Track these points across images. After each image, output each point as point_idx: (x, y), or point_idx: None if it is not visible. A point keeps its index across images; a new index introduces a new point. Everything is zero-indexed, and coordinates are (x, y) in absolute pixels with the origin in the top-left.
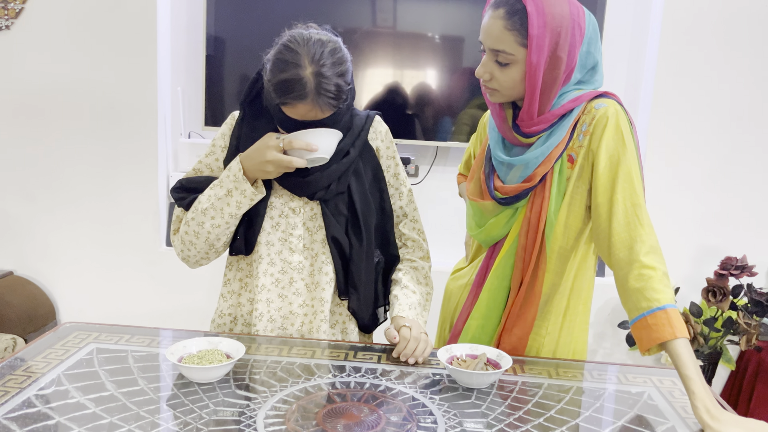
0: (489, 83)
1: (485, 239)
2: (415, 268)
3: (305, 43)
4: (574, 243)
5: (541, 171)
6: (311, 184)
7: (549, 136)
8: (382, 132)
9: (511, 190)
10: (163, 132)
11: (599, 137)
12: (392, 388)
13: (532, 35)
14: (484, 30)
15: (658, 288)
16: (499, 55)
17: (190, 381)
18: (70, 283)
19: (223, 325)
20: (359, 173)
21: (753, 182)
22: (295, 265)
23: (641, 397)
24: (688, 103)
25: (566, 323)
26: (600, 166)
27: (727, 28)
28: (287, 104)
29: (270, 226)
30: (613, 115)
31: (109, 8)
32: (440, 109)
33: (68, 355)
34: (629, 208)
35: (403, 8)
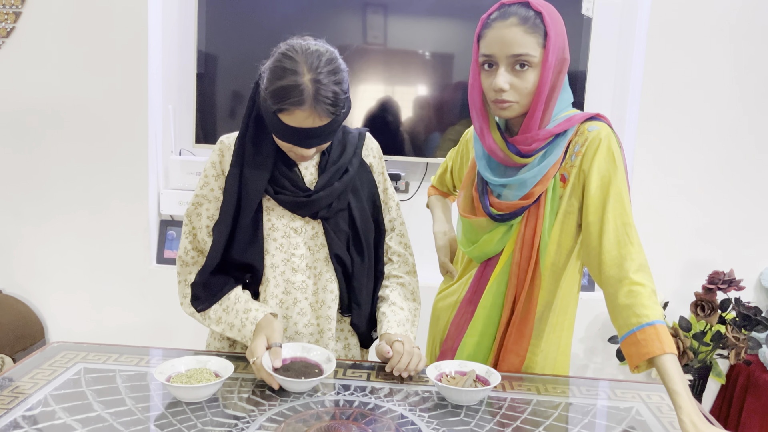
0: (508, 94)
1: (478, 255)
2: (402, 285)
3: (303, 51)
4: (565, 260)
5: (538, 189)
6: (314, 203)
7: (545, 156)
8: (374, 149)
9: (507, 207)
10: (153, 149)
11: (591, 158)
12: (381, 406)
13: (550, 36)
14: (499, 39)
15: (647, 304)
16: (522, 59)
17: (178, 400)
18: (59, 301)
19: (221, 349)
20: (357, 190)
21: (738, 197)
22: (299, 285)
23: (629, 412)
24: (674, 119)
25: (553, 339)
26: (592, 186)
27: (713, 42)
28: (285, 111)
29: (274, 248)
30: (606, 137)
31: (100, 26)
32: (430, 126)
33: (55, 375)
34: (620, 227)
35: (394, 26)
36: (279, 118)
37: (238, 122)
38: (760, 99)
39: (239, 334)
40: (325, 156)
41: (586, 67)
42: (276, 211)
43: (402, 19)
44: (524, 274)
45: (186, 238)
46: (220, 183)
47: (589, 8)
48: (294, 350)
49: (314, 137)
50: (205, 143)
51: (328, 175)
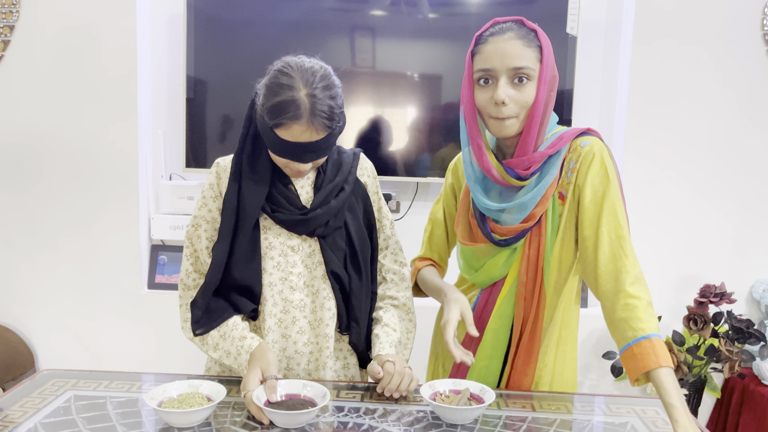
0: (508, 109)
1: (484, 281)
2: (396, 306)
3: (298, 68)
4: (566, 276)
5: (539, 211)
6: (311, 221)
7: (541, 177)
8: (368, 168)
9: (509, 231)
10: (144, 174)
11: (585, 173)
12: (375, 427)
13: (545, 51)
14: (498, 53)
15: (642, 317)
16: (522, 72)
17: (170, 426)
18: (49, 329)
19: (222, 372)
20: (353, 208)
21: (728, 210)
22: (297, 303)
23: (624, 427)
24: (661, 134)
25: (559, 354)
26: (586, 200)
27: (698, 56)
28: (282, 125)
29: (271, 266)
30: (598, 151)
31: (89, 54)
32: (420, 146)
33: (45, 404)
34: (614, 240)
35: (382, 48)
36: (276, 133)
37: (228, 146)
38: (747, 112)
39: (235, 362)
40: (321, 175)
41: (573, 85)
42: (273, 230)
43: (390, 41)
44: (531, 295)
45: (187, 261)
46: (218, 204)
47: (574, 27)
48: (289, 387)
49: (311, 151)
50: (195, 167)
51: (324, 193)
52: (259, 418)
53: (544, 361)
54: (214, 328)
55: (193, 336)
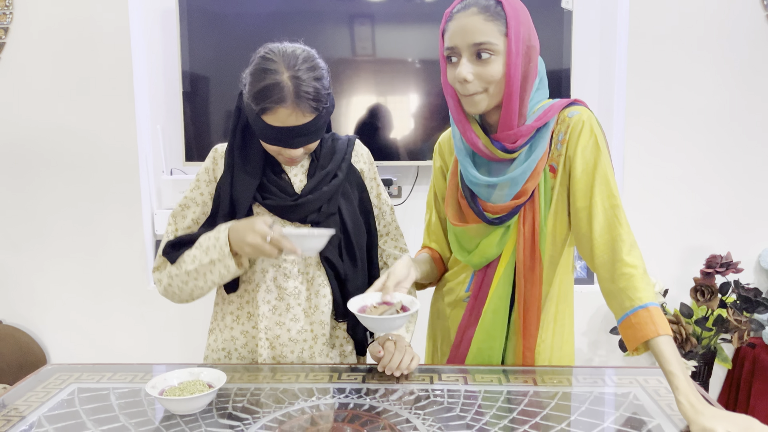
0: (472, 85)
1: (479, 261)
2: None
3: (280, 52)
4: (561, 250)
5: (530, 185)
6: (302, 207)
7: (531, 150)
8: (364, 155)
9: (502, 208)
10: (144, 170)
11: (575, 143)
12: (376, 407)
13: (510, 24)
14: (460, 30)
15: (639, 287)
16: (483, 47)
17: (172, 414)
18: (59, 328)
19: (218, 360)
20: (348, 195)
21: (732, 180)
22: (291, 290)
23: (627, 397)
24: (663, 103)
25: (557, 328)
26: (577, 170)
27: (697, 28)
28: (268, 110)
29: None
30: (587, 120)
31: (84, 52)
32: (421, 130)
33: (49, 397)
34: (608, 209)
35: (381, 36)
36: (263, 120)
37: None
38: (749, 81)
39: (215, 245)
40: (314, 162)
41: (570, 62)
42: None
43: (389, 28)
44: (530, 272)
45: (167, 237)
46: (210, 189)
47: (569, 1)
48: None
49: (300, 136)
50: (195, 161)
51: (316, 179)
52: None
53: (542, 336)
54: (186, 249)
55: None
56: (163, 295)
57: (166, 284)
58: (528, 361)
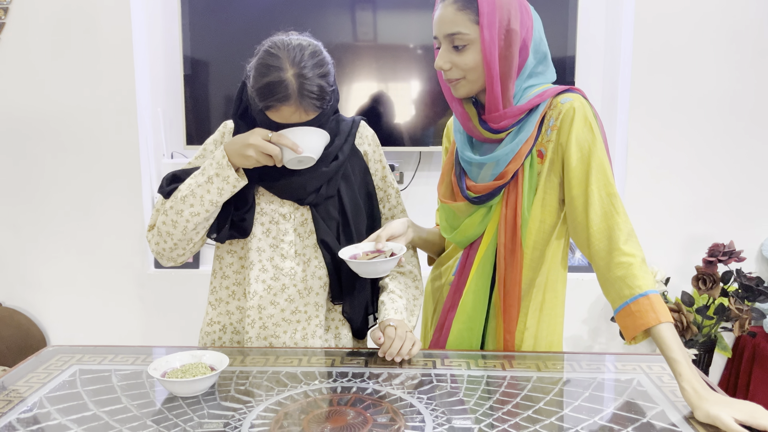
0: (450, 73)
1: (461, 240)
2: (402, 273)
3: (285, 47)
4: (548, 237)
5: (512, 168)
6: (300, 187)
7: (517, 132)
8: (369, 136)
9: (483, 188)
10: (145, 154)
11: (568, 130)
12: (379, 391)
13: (482, 11)
14: (437, 20)
15: (638, 275)
16: (455, 38)
17: (174, 396)
18: (59, 310)
19: (212, 333)
20: (348, 177)
21: (734, 169)
22: (287, 271)
23: (630, 384)
24: (667, 91)
25: (544, 317)
26: (572, 159)
27: (704, 16)
28: (271, 107)
29: (261, 232)
30: (580, 108)
31: (85, 34)
32: (423, 116)
33: (50, 378)
34: (605, 198)
35: (383, 22)
36: (267, 115)
37: None
38: (754, 69)
39: (211, 163)
40: None
41: (575, 49)
42: (265, 197)
43: (391, 13)
44: (510, 255)
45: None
46: None
47: None
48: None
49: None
50: (196, 144)
51: None
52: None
53: (525, 323)
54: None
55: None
56: (155, 254)
57: (159, 225)
58: (508, 345)
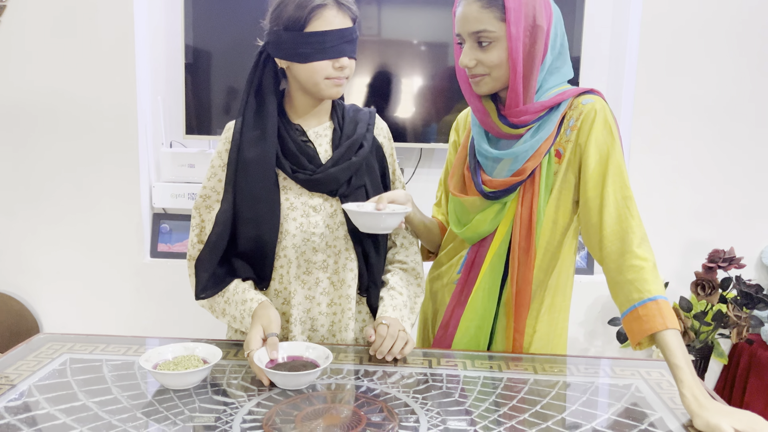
0: (476, 69)
1: (471, 236)
2: (405, 270)
3: None
4: (561, 238)
5: (531, 165)
6: (333, 179)
7: (537, 130)
8: (384, 129)
9: (500, 183)
10: (144, 142)
11: (588, 132)
12: (374, 389)
13: (509, 7)
14: (461, 18)
15: (649, 279)
16: (481, 36)
17: (166, 388)
18: (53, 297)
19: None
20: (371, 167)
21: (737, 175)
22: (320, 264)
23: (629, 389)
24: (672, 96)
25: (551, 320)
26: (590, 160)
27: (709, 20)
28: (312, 16)
29: (294, 227)
30: (601, 110)
31: (86, 21)
32: (424, 113)
33: (40, 366)
34: (620, 200)
35: (387, 16)
36: (308, 34)
37: (228, 112)
38: (757, 77)
39: (241, 325)
40: (338, 132)
41: (580, 49)
42: (294, 190)
43: (395, 9)
44: (525, 253)
45: (193, 232)
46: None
47: None
48: (291, 349)
49: (347, 41)
50: (196, 134)
51: (342, 149)
52: (260, 378)
53: (534, 326)
54: (217, 294)
55: (197, 300)
56: None
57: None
58: (517, 344)
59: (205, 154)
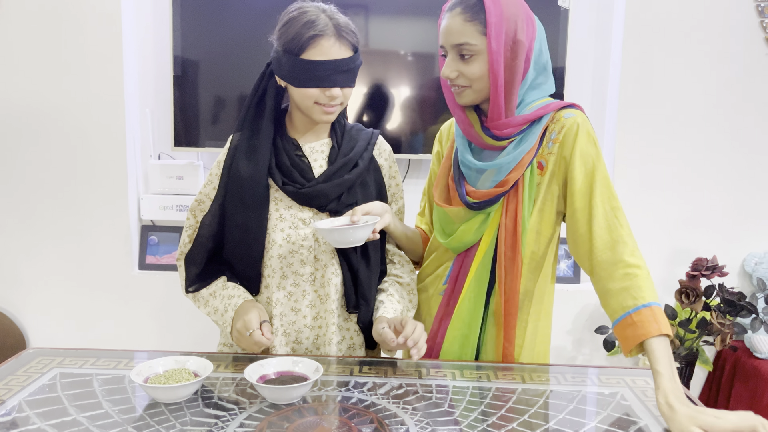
0: (457, 81)
1: (457, 246)
2: (400, 284)
3: (310, 3)
4: (545, 249)
5: (513, 176)
6: (323, 195)
7: (520, 142)
8: (387, 151)
9: (483, 194)
10: (132, 154)
11: (572, 145)
12: (365, 400)
13: (490, 22)
14: (445, 30)
15: (643, 286)
16: (463, 48)
17: (157, 402)
18: (40, 310)
19: (233, 346)
20: (366, 185)
21: (719, 184)
22: (307, 277)
23: (614, 397)
24: (655, 106)
25: (535, 328)
26: (576, 172)
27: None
28: (309, 44)
29: (281, 238)
30: (583, 123)
31: (74, 32)
32: (412, 124)
33: (30, 381)
34: (609, 211)
35: (375, 27)
36: (304, 60)
37: (217, 124)
38: (740, 85)
39: (221, 318)
40: (335, 149)
41: (564, 60)
42: (284, 202)
43: (383, 20)
44: (511, 263)
45: (186, 232)
46: (225, 180)
47: (566, 0)
48: (280, 364)
49: (341, 72)
50: (184, 146)
51: (336, 166)
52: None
53: (523, 337)
54: (204, 287)
55: (185, 293)
56: None
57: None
58: (507, 353)
59: (193, 166)
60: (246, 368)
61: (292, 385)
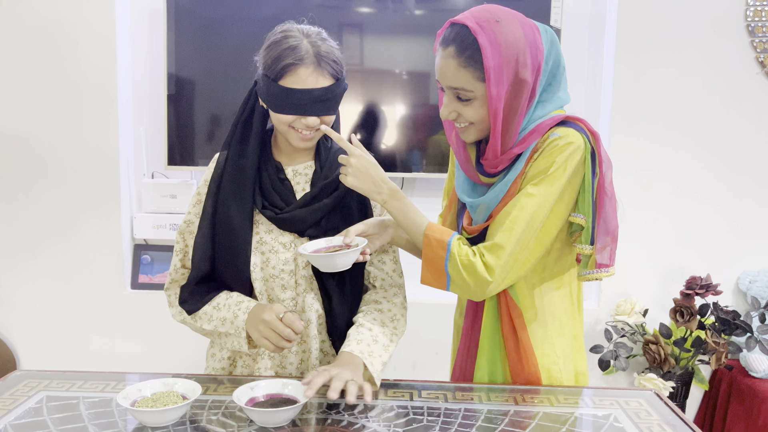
0: (458, 121)
1: None
2: (380, 311)
3: (295, 27)
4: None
5: (499, 209)
6: (301, 220)
7: (508, 172)
8: None
9: (476, 229)
10: (125, 173)
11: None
12: (354, 423)
13: (488, 68)
14: (439, 70)
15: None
16: (459, 93)
17: (144, 426)
18: (31, 331)
19: (222, 369)
20: (348, 209)
21: (713, 202)
22: (288, 302)
23: (608, 419)
24: (648, 124)
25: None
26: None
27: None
28: (287, 72)
29: (261, 261)
30: (560, 147)
31: (66, 50)
32: (406, 142)
33: (16, 405)
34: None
35: (370, 46)
36: (281, 85)
37: (211, 142)
38: (732, 104)
39: (232, 326)
40: (318, 173)
41: None
42: (265, 225)
43: (378, 39)
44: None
45: (176, 256)
46: (212, 201)
47: (558, 19)
48: (269, 387)
49: (319, 101)
50: (178, 165)
51: (315, 190)
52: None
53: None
54: (204, 304)
55: (185, 314)
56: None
57: (179, 320)
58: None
59: (187, 184)
60: (235, 391)
61: (281, 408)
